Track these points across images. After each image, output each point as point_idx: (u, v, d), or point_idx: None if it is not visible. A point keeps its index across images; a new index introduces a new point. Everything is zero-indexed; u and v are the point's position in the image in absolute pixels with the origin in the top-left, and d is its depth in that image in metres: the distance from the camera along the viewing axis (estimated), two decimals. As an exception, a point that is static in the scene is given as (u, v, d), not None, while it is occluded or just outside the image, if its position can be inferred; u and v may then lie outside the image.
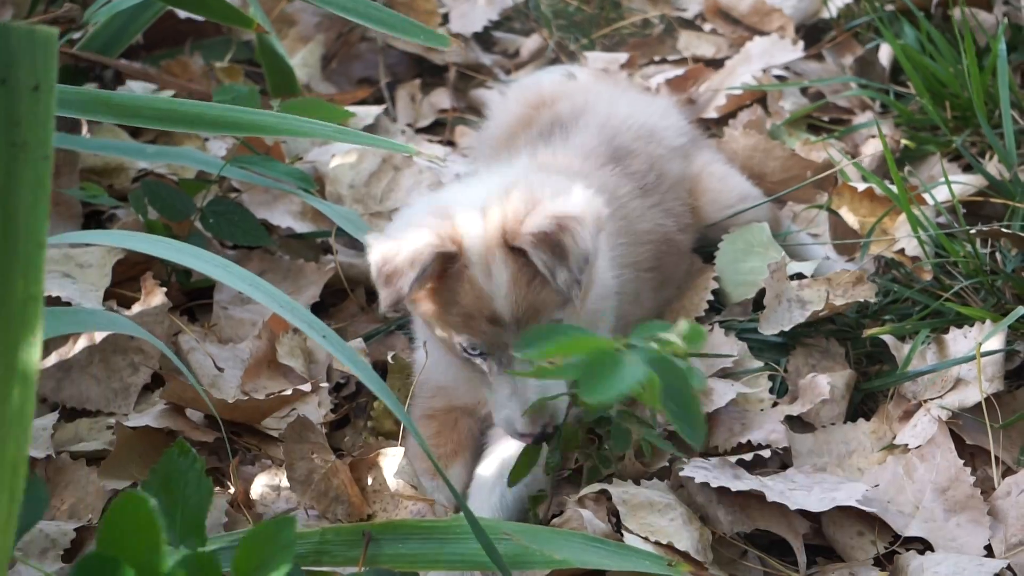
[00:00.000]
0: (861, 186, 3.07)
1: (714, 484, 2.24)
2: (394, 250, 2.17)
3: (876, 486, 2.35)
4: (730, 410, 2.49)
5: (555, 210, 2.17)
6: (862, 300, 2.70)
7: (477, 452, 2.53)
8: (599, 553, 2.05)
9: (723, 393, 2.48)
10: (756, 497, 2.26)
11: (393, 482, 2.30)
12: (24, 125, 1.40)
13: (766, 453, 2.40)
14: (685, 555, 2.14)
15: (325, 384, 2.74)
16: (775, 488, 2.28)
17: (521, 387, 2.18)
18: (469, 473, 2.43)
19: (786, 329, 2.63)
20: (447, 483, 1.99)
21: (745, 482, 2.27)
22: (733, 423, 2.48)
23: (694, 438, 1.71)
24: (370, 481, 2.32)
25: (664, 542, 2.14)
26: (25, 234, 1.39)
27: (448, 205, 2.27)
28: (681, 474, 2.27)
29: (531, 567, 1.99)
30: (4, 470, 1.36)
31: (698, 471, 2.26)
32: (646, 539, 2.15)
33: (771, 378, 2.59)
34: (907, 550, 2.26)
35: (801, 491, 2.29)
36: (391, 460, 2.33)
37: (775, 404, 2.54)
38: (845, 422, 2.52)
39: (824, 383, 2.51)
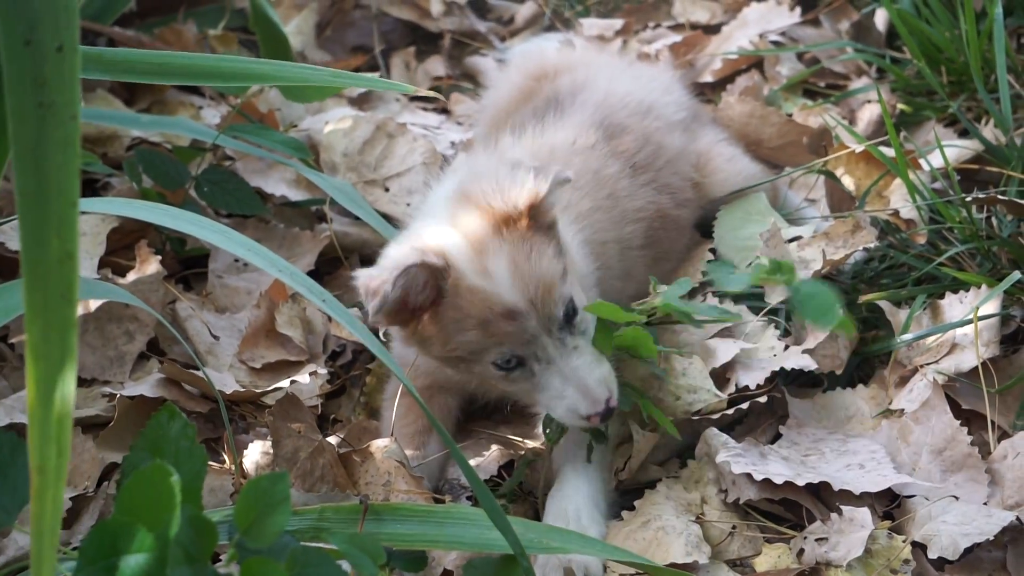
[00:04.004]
0: (858, 147, 3.07)
1: (758, 477, 2.22)
2: (378, 267, 2.13)
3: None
4: (741, 360, 2.50)
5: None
6: (863, 248, 2.70)
7: (453, 428, 2.54)
8: (595, 547, 2.08)
9: (726, 351, 2.48)
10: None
11: (386, 466, 2.30)
12: (50, 86, 1.41)
13: (763, 398, 2.41)
14: (671, 565, 2.12)
15: (322, 360, 2.75)
16: (822, 471, 2.29)
17: (570, 373, 2.12)
18: (443, 448, 2.43)
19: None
20: (454, 438, 1.97)
21: (774, 466, 2.27)
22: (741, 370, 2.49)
23: None
24: (364, 472, 2.32)
25: (641, 563, 2.07)
26: (57, 193, 1.40)
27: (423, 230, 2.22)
28: (718, 461, 2.27)
29: (529, 551, 2.00)
30: (51, 425, 1.38)
31: (736, 460, 2.26)
32: (628, 564, 2.11)
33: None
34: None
35: (840, 468, 2.31)
36: (381, 450, 2.32)
37: (787, 348, 2.54)
38: (844, 387, 2.53)
39: None
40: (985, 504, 2.23)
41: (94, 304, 2.63)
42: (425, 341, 2.18)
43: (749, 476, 2.23)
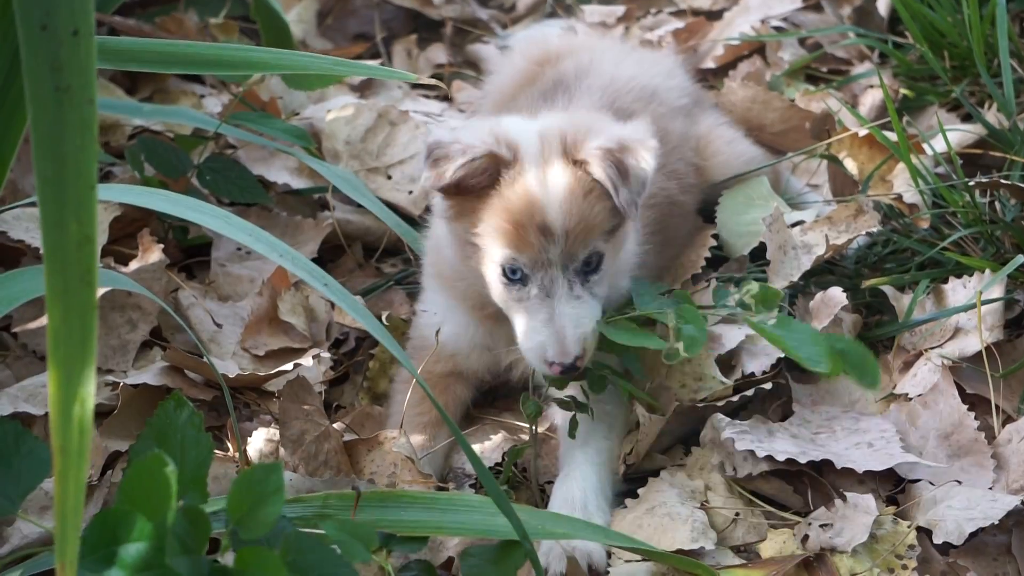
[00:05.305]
0: (862, 131, 3.06)
1: (761, 454, 2.24)
2: (451, 138, 2.19)
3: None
4: (746, 347, 2.50)
5: (619, 132, 2.22)
6: (866, 233, 2.70)
7: (463, 417, 2.54)
8: (598, 533, 2.08)
9: (732, 337, 2.48)
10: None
11: (392, 457, 2.30)
12: (67, 70, 1.42)
13: (768, 385, 2.41)
14: (678, 551, 2.13)
15: (325, 347, 2.75)
16: (829, 448, 2.29)
17: (558, 316, 2.15)
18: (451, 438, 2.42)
19: (796, 278, 2.63)
20: (461, 442, 1.97)
21: (780, 443, 2.27)
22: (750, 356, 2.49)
23: None
24: (370, 461, 2.33)
25: (647, 549, 2.08)
26: (75, 177, 1.41)
27: (507, 120, 2.32)
28: (723, 437, 2.28)
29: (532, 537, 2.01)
30: (72, 406, 1.39)
31: (741, 436, 2.26)
32: (633, 551, 2.12)
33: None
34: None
35: (849, 446, 2.31)
36: (390, 441, 2.32)
37: None
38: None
39: (839, 292, 2.52)
40: (990, 488, 2.23)
41: (97, 293, 2.62)
42: (459, 215, 2.23)
43: (753, 453, 2.23)
